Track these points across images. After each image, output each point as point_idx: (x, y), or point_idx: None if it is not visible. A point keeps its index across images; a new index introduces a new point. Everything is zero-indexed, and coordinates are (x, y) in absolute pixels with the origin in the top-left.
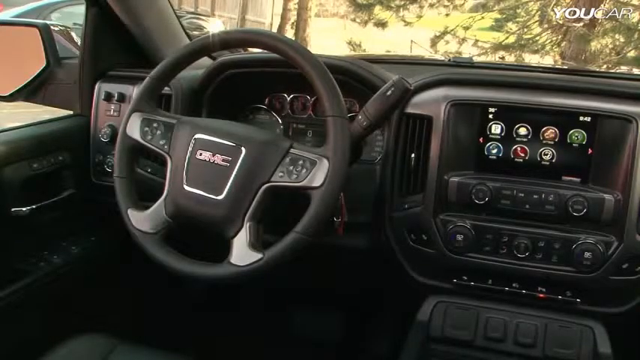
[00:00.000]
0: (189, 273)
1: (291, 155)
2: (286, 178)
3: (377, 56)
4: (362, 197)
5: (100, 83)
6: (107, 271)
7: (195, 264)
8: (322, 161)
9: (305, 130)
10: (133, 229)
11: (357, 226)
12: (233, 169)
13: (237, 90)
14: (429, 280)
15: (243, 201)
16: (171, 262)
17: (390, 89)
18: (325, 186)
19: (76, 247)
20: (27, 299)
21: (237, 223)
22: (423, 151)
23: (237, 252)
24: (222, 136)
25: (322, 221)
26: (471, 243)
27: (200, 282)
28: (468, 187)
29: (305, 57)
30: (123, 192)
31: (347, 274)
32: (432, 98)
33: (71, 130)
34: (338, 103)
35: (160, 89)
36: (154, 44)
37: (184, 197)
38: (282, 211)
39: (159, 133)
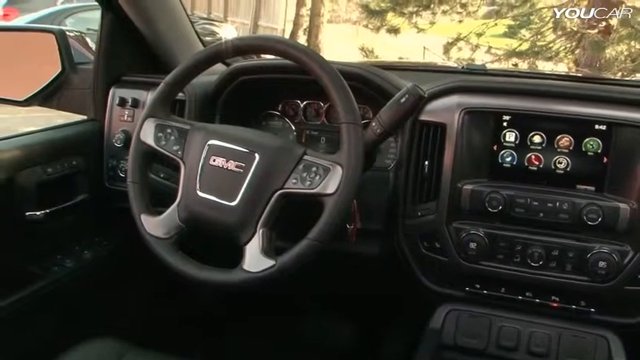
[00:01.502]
0: (201, 279)
1: (304, 162)
2: (299, 184)
3: (390, 63)
4: (375, 204)
5: (114, 88)
6: (119, 275)
7: (208, 270)
8: (336, 168)
9: (318, 136)
10: (145, 234)
11: (369, 233)
12: (246, 176)
13: (251, 96)
14: (442, 288)
15: (257, 207)
16: (184, 268)
17: (404, 96)
18: (339, 193)
19: (88, 251)
20: (40, 303)
21: (250, 230)
22: (437, 159)
23: (249, 258)
24: (235, 142)
25: (335, 228)
26: (484, 251)
27: (212, 288)
28: (481, 194)
29: (318, 63)
30: (136, 197)
31: (358, 281)
32: (445, 106)
33: (85, 135)
34: (352, 110)
35: (174, 95)
36: (169, 50)
37: (197, 203)
38: (295, 218)
39: (172, 139)
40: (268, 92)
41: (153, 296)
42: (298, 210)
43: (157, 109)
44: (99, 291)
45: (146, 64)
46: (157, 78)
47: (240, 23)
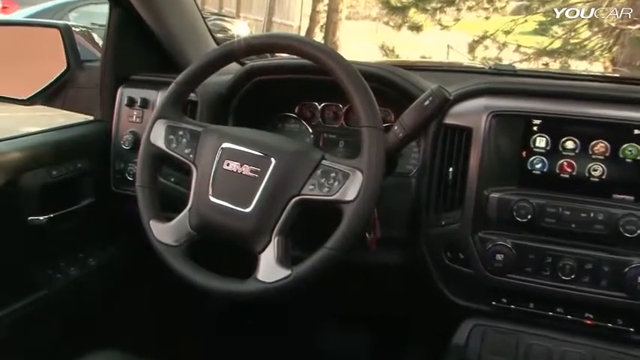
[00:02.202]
0: (214, 289)
1: (322, 167)
2: (317, 191)
3: (412, 63)
4: (396, 212)
5: (122, 88)
6: (125, 284)
7: (220, 280)
8: (355, 174)
9: (337, 140)
10: (155, 241)
11: (390, 243)
12: (262, 181)
13: (266, 97)
14: (466, 301)
15: (272, 214)
16: (195, 277)
17: (428, 99)
18: (358, 200)
19: (93, 258)
20: (41, 312)
21: (264, 238)
22: (462, 165)
23: (264, 268)
24: (250, 145)
25: (354, 237)
26: (512, 263)
27: (223, 299)
28: (509, 203)
29: (338, 63)
30: (145, 202)
31: (378, 293)
32: (472, 109)
33: (91, 137)
34: (373, 113)
35: (186, 96)
36: (180, 47)
37: (210, 209)
38: (312, 226)
39: (184, 142)
40: (284, 93)
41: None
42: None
43: (168, 110)
44: (104, 300)
45: (156, 63)
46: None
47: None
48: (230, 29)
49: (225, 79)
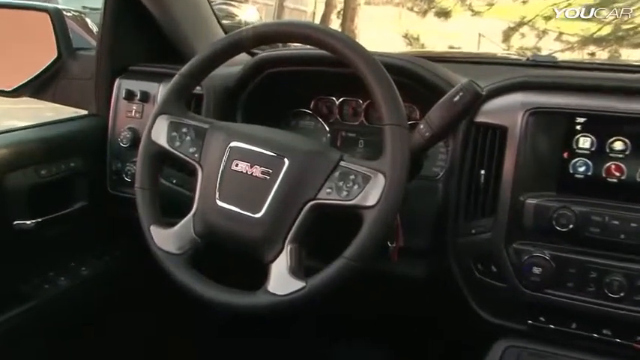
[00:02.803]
0: (221, 302)
1: (341, 169)
2: (335, 195)
3: (439, 53)
4: (421, 219)
5: (120, 79)
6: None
7: (227, 292)
8: (377, 177)
9: (356, 139)
10: (155, 248)
11: (414, 253)
12: (274, 183)
13: (279, 91)
14: (499, 319)
15: (285, 220)
16: (200, 289)
17: (457, 94)
18: (380, 205)
19: (86, 267)
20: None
21: (276, 246)
22: (495, 167)
23: (275, 279)
24: (261, 144)
25: (375, 246)
26: (551, 277)
27: (231, 312)
28: (548, 210)
29: (359, 54)
30: (145, 206)
31: (398, 307)
32: (507, 105)
33: (85, 133)
34: (397, 110)
35: (191, 89)
36: (184, 35)
37: (216, 214)
38: (329, 234)
39: (188, 140)
40: (299, 87)
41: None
42: (332, 224)
43: (171, 104)
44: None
45: (157, 52)
46: (170, 68)
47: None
48: (237, 14)
49: (234, 70)
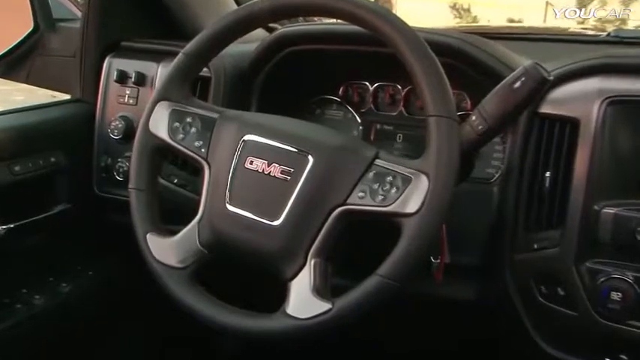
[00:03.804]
0: (231, 326)
1: (375, 168)
2: (368, 199)
3: (496, 29)
4: (471, 230)
5: (110, 58)
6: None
7: (239, 314)
8: (419, 178)
9: (393, 133)
10: (153, 261)
11: (462, 271)
12: (295, 185)
13: (301, 74)
14: (567, 354)
15: (308, 229)
16: (206, 310)
17: (518, 79)
18: (422, 213)
19: (67, 284)
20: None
21: (297, 260)
22: (564, 168)
23: (296, 299)
24: (281, 138)
25: (415, 262)
26: (634, 305)
27: (243, 338)
28: (630, 222)
29: (398, 30)
30: (141, 210)
31: (444, 337)
32: (580, 93)
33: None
34: (444, 98)
35: (197, 71)
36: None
37: (226, 221)
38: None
39: (194, 132)
40: (326, 69)
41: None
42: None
43: (173, 89)
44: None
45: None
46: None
47: None
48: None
49: (248, 49)
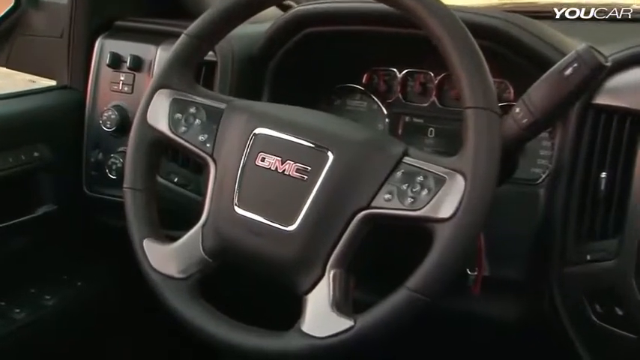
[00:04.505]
0: (240, 346)
1: (404, 167)
2: (396, 202)
3: (544, 6)
4: (514, 239)
5: (102, 39)
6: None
7: (248, 332)
8: (455, 179)
9: (424, 126)
10: (150, 270)
11: (502, 285)
12: (313, 186)
13: (320, 59)
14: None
15: (327, 236)
16: (210, 327)
17: (570, 66)
18: (458, 218)
19: (51, 296)
20: None
21: (315, 270)
22: (622, 168)
23: (313, 315)
24: (297, 131)
25: (449, 274)
26: None
27: (252, 357)
28: None
29: (432, 9)
30: (137, 213)
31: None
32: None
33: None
34: (484, 87)
35: (201, 54)
36: None
37: (234, 225)
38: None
39: (198, 124)
40: (348, 54)
41: None
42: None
43: (174, 75)
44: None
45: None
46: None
47: None
48: None
49: (260, 30)
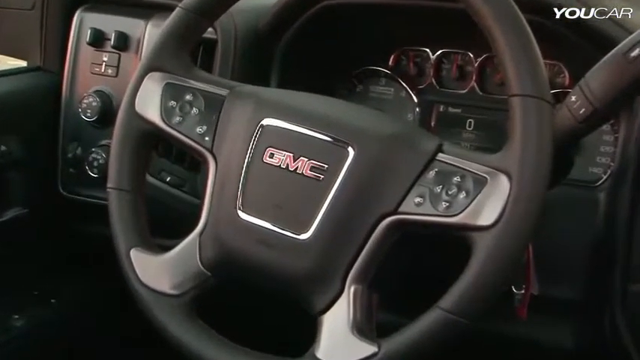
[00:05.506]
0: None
1: (438, 165)
2: (428, 207)
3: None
4: (568, 251)
5: (81, 12)
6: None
7: (254, 358)
8: (498, 180)
9: (462, 117)
10: (138, 285)
11: (555, 306)
12: (331, 187)
13: (339, 38)
14: None
15: (347, 246)
16: (209, 352)
17: (636, 46)
18: (501, 226)
19: (21, 315)
20: None
21: (332, 286)
22: None
23: (330, 339)
24: (311, 123)
25: (490, 292)
26: None
27: None
28: None
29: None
30: (124, 217)
31: None
32: None
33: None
34: (534, 72)
35: (199, 31)
36: None
37: (237, 233)
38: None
39: (195, 114)
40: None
41: None
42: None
43: (168, 56)
44: None
45: None
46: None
47: None
48: None
49: (267, 3)
